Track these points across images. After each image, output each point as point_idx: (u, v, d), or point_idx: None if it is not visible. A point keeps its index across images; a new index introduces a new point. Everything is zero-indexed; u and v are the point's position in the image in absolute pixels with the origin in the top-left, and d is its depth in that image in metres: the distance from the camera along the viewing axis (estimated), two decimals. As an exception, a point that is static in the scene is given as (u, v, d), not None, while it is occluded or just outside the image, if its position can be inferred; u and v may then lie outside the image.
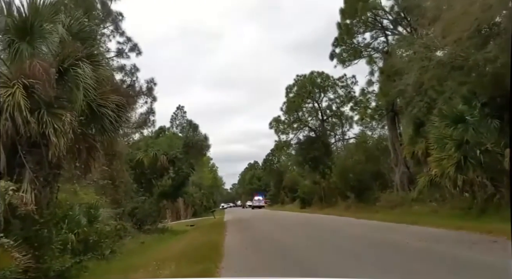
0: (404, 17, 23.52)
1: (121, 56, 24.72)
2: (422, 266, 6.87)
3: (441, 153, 15.24)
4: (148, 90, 26.91)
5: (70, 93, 8.36)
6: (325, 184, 37.39)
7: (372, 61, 24.36)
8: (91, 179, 16.51)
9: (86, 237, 12.04)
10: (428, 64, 12.43)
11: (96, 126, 8.97)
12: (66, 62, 8.15)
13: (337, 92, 42.38)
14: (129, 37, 24.99)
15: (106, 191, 19.57)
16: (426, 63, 12.55)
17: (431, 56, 12.42)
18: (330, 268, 7.36)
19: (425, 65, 12.60)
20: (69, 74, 8.19)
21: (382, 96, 21.97)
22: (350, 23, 24.74)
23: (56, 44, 8.60)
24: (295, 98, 42.48)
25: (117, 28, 24.20)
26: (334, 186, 35.37)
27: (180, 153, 27.30)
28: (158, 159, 25.76)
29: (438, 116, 15.62)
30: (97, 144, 9.11)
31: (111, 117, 8.81)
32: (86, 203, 13.49)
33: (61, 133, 7.77)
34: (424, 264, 7.00)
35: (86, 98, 8.40)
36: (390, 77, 22.65)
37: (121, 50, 24.89)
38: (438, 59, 12.24)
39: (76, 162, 8.78)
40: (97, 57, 8.90)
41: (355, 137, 41.78)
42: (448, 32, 12.53)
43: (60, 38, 8.67)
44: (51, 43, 8.38)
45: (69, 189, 12.03)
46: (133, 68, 25.05)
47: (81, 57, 8.14)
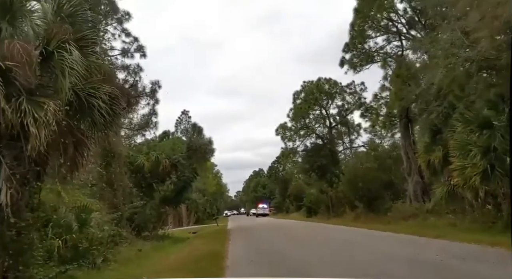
0: (418, 20, 22.50)
1: (125, 56, 23.90)
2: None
3: (464, 161, 14.06)
4: (151, 92, 26.02)
5: (56, 80, 7.33)
6: (333, 193, 36.18)
7: (386, 64, 23.32)
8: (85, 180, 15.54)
9: (76, 244, 11.04)
10: (456, 61, 11.32)
11: (85, 119, 7.93)
12: (52, 45, 7.15)
13: (345, 99, 41.40)
14: (135, 37, 24.22)
15: (104, 194, 18.59)
16: (453, 60, 11.45)
17: (458, 53, 11.32)
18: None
19: (452, 62, 11.50)
20: (55, 58, 7.17)
21: (397, 100, 20.84)
22: (363, 23, 23.74)
23: (41, 26, 7.62)
24: (302, 105, 41.50)
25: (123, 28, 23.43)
26: (342, 195, 34.15)
27: (183, 157, 26.24)
28: (160, 162, 24.70)
29: (461, 121, 14.46)
30: (86, 139, 8.06)
31: (102, 110, 7.77)
32: (78, 206, 12.53)
33: (42, 124, 6.74)
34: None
35: (73, 87, 7.38)
36: (406, 81, 21.59)
37: (126, 49, 24.09)
38: (466, 56, 11.12)
39: (61, 158, 7.72)
40: (89, 42, 7.87)
41: (364, 145, 40.69)
42: (477, 28, 11.46)
43: (47, 20, 7.69)
44: (35, 24, 7.39)
45: (57, 189, 11.03)
46: (137, 68, 24.16)
47: (69, 39, 7.12)
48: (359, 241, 13.13)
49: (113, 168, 19.13)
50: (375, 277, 7.23)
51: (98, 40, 9.47)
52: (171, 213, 39.57)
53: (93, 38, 8.00)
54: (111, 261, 12.53)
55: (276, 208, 65.28)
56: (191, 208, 53.65)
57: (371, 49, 26.14)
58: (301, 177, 51.81)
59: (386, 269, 7.63)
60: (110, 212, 17.11)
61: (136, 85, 24.82)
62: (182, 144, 27.81)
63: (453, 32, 12.04)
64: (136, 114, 26.30)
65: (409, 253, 9.34)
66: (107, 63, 15.39)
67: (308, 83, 40.98)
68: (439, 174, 20.25)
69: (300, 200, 45.38)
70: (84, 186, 14.98)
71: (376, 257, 9.13)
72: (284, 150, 44.57)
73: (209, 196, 64.16)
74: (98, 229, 12.63)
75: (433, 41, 12.95)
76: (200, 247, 15.60)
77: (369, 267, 7.88)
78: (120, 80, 23.07)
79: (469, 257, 7.96)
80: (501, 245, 9.03)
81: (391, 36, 24.31)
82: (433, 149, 19.77)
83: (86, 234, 11.50)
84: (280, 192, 62.19)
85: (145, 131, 28.10)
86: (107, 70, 8.67)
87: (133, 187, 22.22)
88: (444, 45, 11.78)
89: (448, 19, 12.59)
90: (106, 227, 13.87)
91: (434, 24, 15.16)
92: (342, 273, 7.36)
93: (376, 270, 7.41)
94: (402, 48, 23.75)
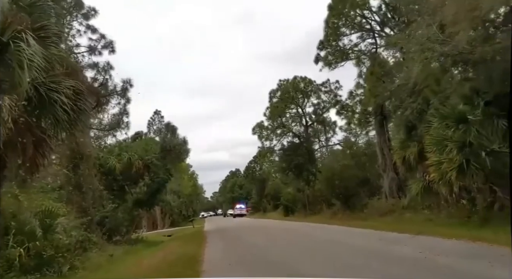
0: (392, 17, 22.65)
1: (93, 53, 22.92)
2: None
3: (440, 156, 14.09)
4: (122, 90, 25.09)
5: (12, 73, 6.67)
6: (310, 191, 36.19)
7: (360, 62, 23.39)
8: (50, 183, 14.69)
9: (40, 252, 10.28)
10: (431, 56, 11.26)
11: (46, 116, 7.28)
12: (6, 35, 6.48)
13: (320, 97, 41.49)
14: (102, 34, 23.26)
15: (72, 198, 17.68)
16: (429, 54, 11.38)
17: (433, 48, 11.27)
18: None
19: (428, 56, 11.44)
20: (10, 49, 6.52)
21: (372, 97, 20.88)
22: (337, 20, 23.71)
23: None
24: (278, 104, 41.33)
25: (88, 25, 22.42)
26: (319, 193, 34.20)
27: (157, 158, 25.43)
28: (132, 164, 23.82)
29: (436, 117, 14.50)
30: (47, 138, 7.40)
31: (66, 105, 7.15)
32: (43, 211, 11.74)
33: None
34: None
35: (33, 81, 6.74)
36: (380, 78, 21.66)
37: (93, 46, 23.10)
38: (442, 50, 11.07)
39: (19, 159, 7.04)
40: (49, 33, 7.22)
41: (339, 143, 40.90)
42: (452, 22, 11.44)
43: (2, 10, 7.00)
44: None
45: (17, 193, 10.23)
46: (106, 65, 23.21)
47: (26, 29, 6.48)
48: (341, 240, 12.87)
49: (82, 170, 18.26)
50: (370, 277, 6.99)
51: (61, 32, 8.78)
52: (144, 216, 38.50)
53: (53, 28, 7.34)
54: (79, 269, 11.82)
55: (253, 208, 65.01)
56: (165, 210, 52.57)
57: (345, 47, 26.18)
58: (278, 176, 51.70)
59: (373, 267, 7.37)
60: (79, 216, 16.28)
61: (106, 84, 23.86)
62: (156, 145, 27.01)
63: (429, 27, 12.00)
64: (106, 114, 25.38)
65: (393, 250, 9.11)
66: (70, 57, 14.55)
67: (284, 82, 40.84)
68: (414, 169, 20.36)
69: (277, 199, 45.25)
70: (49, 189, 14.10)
71: (363, 256, 8.85)
72: (261, 149, 44.33)
73: (185, 198, 63.12)
74: (65, 235, 11.88)
75: (409, 36, 12.92)
76: (175, 250, 15.01)
77: (356, 267, 7.61)
78: (89, 79, 22.14)
79: (453, 253, 7.81)
80: (483, 240, 8.96)
81: (365, 33, 24.41)
82: (408, 145, 19.85)
83: (51, 241, 10.77)
84: (257, 192, 61.92)
85: (116, 132, 27.11)
86: (71, 64, 8.03)
87: (104, 190, 21.32)
88: (420, 40, 11.72)
89: (423, 14, 12.56)
90: (73, 233, 13.11)
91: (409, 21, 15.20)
92: (328, 272, 7.06)
93: (365, 270, 7.14)
94: (376, 45, 23.93)
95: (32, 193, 12.89)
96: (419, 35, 11.97)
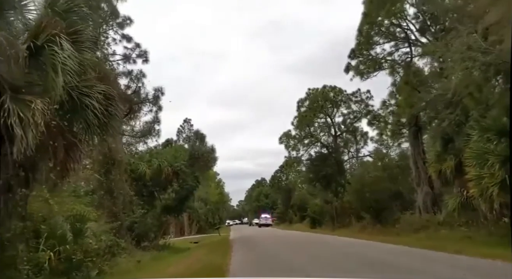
0: (429, 25, 21.91)
1: (127, 61, 23.42)
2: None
3: (481, 171, 13.32)
4: (154, 98, 25.46)
5: (46, 77, 6.73)
6: (338, 203, 35.33)
7: (394, 71, 22.69)
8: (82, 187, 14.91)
9: (69, 256, 10.35)
10: (473, 65, 10.68)
11: (77, 120, 7.31)
12: (41, 38, 6.56)
13: (350, 107, 40.71)
14: (138, 42, 23.76)
15: (103, 203, 17.93)
16: (470, 63, 10.79)
17: (475, 57, 10.68)
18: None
19: (468, 66, 10.85)
20: (45, 53, 6.59)
21: (407, 107, 20.16)
22: (370, 29, 23.15)
23: (33, 20, 7.05)
24: (306, 113, 40.84)
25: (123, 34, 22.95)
26: (348, 205, 33.33)
27: (186, 165, 25.57)
28: (162, 170, 24.05)
29: (476, 129, 13.75)
30: (78, 142, 7.42)
31: (97, 110, 7.15)
32: (74, 215, 11.88)
33: (29, 124, 6.12)
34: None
35: (65, 85, 6.77)
36: (415, 88, 20.93)
37: (128, 55, 23.62)
38: (484, 60, 10.47)
39: (50, 162, 7.08)
40: (83, 38, 7.28)
41: (370, 154, 39.90)
42: (495, 30, 10.84)
43: (39, 13, 7.13)
44: (25, 18, 6.82)
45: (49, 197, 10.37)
46: (139, 73, 23.64)
47: (60, 32, 6.53)
48: (377, 257, 12.18)
49: (113, 175, 18.53)
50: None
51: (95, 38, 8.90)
52: (172, 222, 38.82)
53: (88, 33, 7.41)
54: (107, 274, 11.84)
55: (279, 218, 64.31)
56: (193, 217, 52.84)
57: (378, 56, 25.54)
58: (304, 186, 50.96)
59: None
60: (109, 221, 16.46)
61: (138, 92, 24.30)
62: (185, 152, 27.20)
63: (469, 35, 11.42)
64: (138, 121, 25.82)
65: (435, 271, 8.42)
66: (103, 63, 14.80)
67: (313, 91, 40.36)
68: (451, 184, 19.48)
69: (304, 210, 44.50)
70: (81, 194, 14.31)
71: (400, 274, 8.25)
72: (287, 159, 43.81)
73: (211, 205, 63.29)
74: (95, 240, 11.95)
75: (447, 44, 12.33)
76: (201, 258, 14.85)
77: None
78: (122, 86, 22.61)
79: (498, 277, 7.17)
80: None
81: (399, 42, 23.73)
82: (445, 158, 19.03)
83: (81, 245, 10.85)
84: (283, 202, 61.26)
85: (148, 139, 27.51)
86: (104, 69, 8.06)
87: (134, 195, 21.57)
88: (461, 48, 11.14)
89: (464, 22, 11.98)
90: (103, 237, 13.18)
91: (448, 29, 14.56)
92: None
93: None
94: (411, 54, 23.18)
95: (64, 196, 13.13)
96: (459, 43, 11.39)
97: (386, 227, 24.66)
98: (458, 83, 11.82)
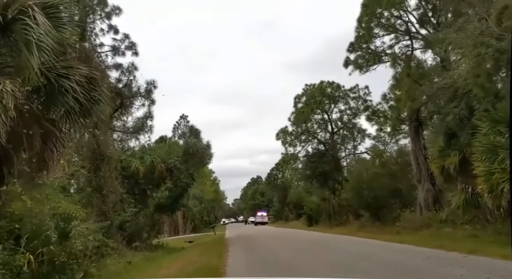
0: (432, 16, 21.21)
1: (116, 53, 22.48)
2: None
3: (491, 166, 12.62)
4: (146, 92, 24.54)
5: (19, 56, 5.89)
6: (335, 201, 34.66)
7: (396, 63, 22.01)
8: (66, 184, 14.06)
9: (52, 258, 9.53)
10: (486, 51, 9.96)
11: (56, 106, 6.48)
12: (12, 11, 5.71)
13: (348, 103, 40.04)
14: (126, 34, 22.80)
15: (92, 201, 17.09)
16: (483, 49, 10.08)
17: (489, 42, 9.97)
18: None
19: (481, 52, 10.13)
20: (16, 28, 5.74)
21: (408, 101, 19.47)
22: (370, 20, 22.37)
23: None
24: (303, 109, 40.10)
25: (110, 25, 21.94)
26: (345, 202, 32.66)
27: (180, 162, 24.72)
28: (155, 167, 23.18)
29: (486, 121, 13.05)
30: (57, 132, 6.59)
31: (78, 95, 6.32)
32: (60, 214, 11.05)
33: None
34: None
35: (42, 66, 5.94)
36: (417, 81, 20.25)
37: (116, 47, 22.66)
38: (498, 46, 9.76)
39: (24, 154, 6.25)
40: (61, 13, 6.43)
41: (367, 151, 39.30)
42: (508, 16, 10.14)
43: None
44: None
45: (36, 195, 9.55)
46: (131, 66, 22.73)
47: (34, 4, 5.69)
48: (385, 257, 11.42)
49: (103, 172, 17.67)
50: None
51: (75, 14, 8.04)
52: (166, 221, 37.99)
53: (66, 8, 6.55)
54: (94, 276, 11.07)
55: (275, 216, 63.74)
56: (187, 216, 52.04)
57: (377, 49, 24.81)
58: (301, 184, 50.32)
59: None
60: (98, 220, 15.65)
61: (130, 85, 23.38)
62: (179, 148, 26.33)
63: (482, 21, 10.72)
64: (130, 116, 24.92)
65: (452, 274, 7.63)
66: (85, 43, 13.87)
67: (310, 87, 39.64)
68: (454, 180, 18.82)
69: (300, 208, 43.82)
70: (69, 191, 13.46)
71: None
72: (284, 155, 43.04)
73: (207, 203, 62.50)
74: (82, 240, 11.12)
75: (459, 30, 11.63)
76: (195, 260, 14.05)
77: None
78: (113, 80, 21.71)
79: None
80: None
81: (400, 35, 23.02)
82: (448, 153, 18.32)
83: (65, 246, 10.04)
84: (279, 200, 60.65)
85: (140, 135, 26.58)
86: (85, 50, 7.22)
87: (125, 193, 20.72)
88: (473, 32, 10.43)
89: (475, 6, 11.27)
90: (91, 237, 12.34)
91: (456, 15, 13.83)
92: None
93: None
94: (412, 47, 22.50)
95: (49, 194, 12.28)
96: (471, 28, 10.68)
97: (386, 225, 24.00)
98: (469, 71, 11.09)
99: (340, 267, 9.99)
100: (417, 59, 21.50)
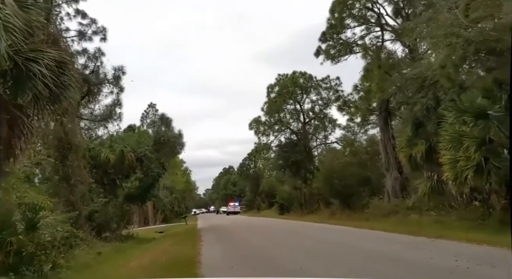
0: (402, 7, 21.67)
1: (83, 38, 21.64)
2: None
3: (456, 154, 13.17)
4: (115, 79, 23.79)
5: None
6: (307, 189, 35.24)
7: (367, 54, 22.38)
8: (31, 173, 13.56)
9: (19, 249, 9.19)
10: (457, 41, 10.29)
11: (23, 91, 6.17)
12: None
13: (320, 93, 40.52)
14: (93, 19, 21.94)
15: (59, 191, 16.54)
16: (453, 39, 10.40)
17: (458, 33, 10.29)
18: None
19: (452, 42, 10.46)
20: (-21, 7, 5.39)
21: (378, 92, 19.91)
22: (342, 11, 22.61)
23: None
24: (276, 99, 40.29)
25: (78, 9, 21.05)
26: (316, 191, 33.29)
27: (150, 151, 24.26)
28: (124, 156, 22.64)
29: (452, 111, 13.55)
30: (25, 118, 6.29)
31: (47, 79, 6.04)
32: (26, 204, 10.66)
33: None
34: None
35: (8, 48, 5.62)
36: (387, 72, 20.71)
37: (83, 32, 21.79)
38: (468, 36, 10.10)
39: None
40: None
41: (337, 141, 40.03)
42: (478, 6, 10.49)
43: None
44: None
45: None
46: (98, 52, 21.95)
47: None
48: (353, 243, 11.70)
49: (70, 161, 17.11)
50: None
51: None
52: (136, 212, 37.38)
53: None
54: (63, 268, 10.72)
55: (247, 206, 64.09)
56: (158, 206, 51.43)
57: (349, 40, 25.14)
58: (273, 173, 50.74)
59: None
60: (66, 210, 15.19)
61: (97, 72, 22.60)
62: (149, 137, 25.82)
63: (451, 11, 11.04)
64: (97, 104, 24.16)
65: (423, 258, 7.94)
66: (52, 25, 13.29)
67: (283, 77, 39.80)
68: (420, 168, 19.50)
69: (272, 197, 44.31)
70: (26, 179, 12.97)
71: (395, 266, 7.68)
72: (257, 145, 43.21)
73: (177, 194, 61.96)
74: (50, 230, 10.77)
75: (428, 20, 11.94)
76: (168, 249, 13.95)
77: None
78: (79, 66, 20.92)
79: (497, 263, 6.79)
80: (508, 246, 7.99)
81: (371, 26, 23.41)
82: (416, 142, 18.95)
83: (32, 237, 9.69)
84: (251, 189, 60.96)
85: (108, 124, 25.83)
86: (53, 33, 6.89)
87: (94, 183, 20.17)
88: (445, 23, 10.73)
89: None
90: (59, 228, 11.97)
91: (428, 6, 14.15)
92: None
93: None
94: (383, 38, 22.96)
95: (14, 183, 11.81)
96: (442, 18, 10.99)
97: (355, 212, 24.67)
98: (442, 60, 11.42)
99: (301, 250, 10.14)
100: (387, 51, 21.97)
